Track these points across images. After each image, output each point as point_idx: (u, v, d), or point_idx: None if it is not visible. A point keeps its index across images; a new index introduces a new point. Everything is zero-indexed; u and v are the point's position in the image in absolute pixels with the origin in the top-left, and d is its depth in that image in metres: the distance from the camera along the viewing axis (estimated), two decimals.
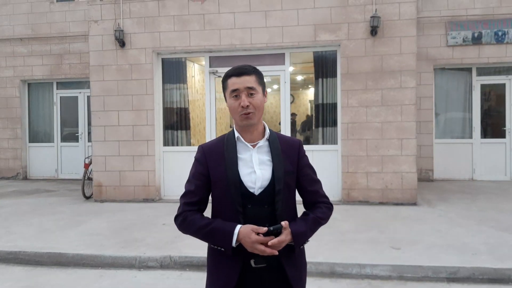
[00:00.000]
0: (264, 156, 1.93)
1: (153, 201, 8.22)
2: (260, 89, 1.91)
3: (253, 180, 1.89)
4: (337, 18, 7.71)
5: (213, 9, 8.07)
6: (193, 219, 1.91)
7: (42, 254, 5.19)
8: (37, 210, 7.69)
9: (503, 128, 10.17)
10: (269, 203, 1.89)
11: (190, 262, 4.90)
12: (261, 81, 1.94)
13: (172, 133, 8.61)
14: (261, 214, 1.88)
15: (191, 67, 9.33)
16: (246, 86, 1.87)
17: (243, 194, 1.88)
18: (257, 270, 1.89)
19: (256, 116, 1.90)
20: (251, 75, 1.89)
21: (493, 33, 9.72)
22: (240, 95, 1.87)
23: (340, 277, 4.56)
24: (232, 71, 1.91)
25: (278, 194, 1.89)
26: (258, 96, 1.89)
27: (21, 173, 11.81)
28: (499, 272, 4.37)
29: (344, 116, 7.71)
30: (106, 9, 8.41)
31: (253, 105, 1.87)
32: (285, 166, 1.93)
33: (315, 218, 1.95)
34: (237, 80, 1.88)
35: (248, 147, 1.94)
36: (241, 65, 1.93)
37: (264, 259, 1.86)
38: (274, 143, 1.96)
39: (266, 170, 1.91)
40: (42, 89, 12.03)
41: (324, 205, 2.01)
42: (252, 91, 1.88)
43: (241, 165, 1.91)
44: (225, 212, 1.90)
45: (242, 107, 1.86)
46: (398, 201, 7.54)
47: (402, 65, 7.52)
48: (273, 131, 2.02)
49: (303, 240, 1.92)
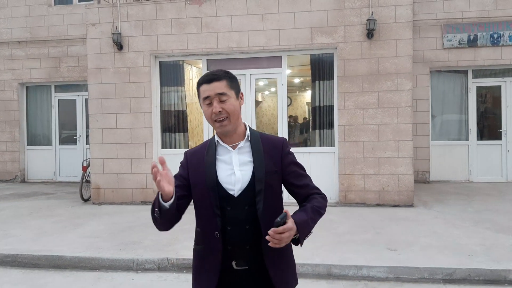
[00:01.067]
0: (245, 157, 1.93)
1: (151, 203, 8.22)
2: (232, 93, 1.90)
3: (232, 181, 1.90)
4: (333, 21, 7.76)
5: (210, 12, 8.11)
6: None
7: (40, 257, 5.21)
8: (35, 212, 7.69)
9: (499, 130, 10.23)
10: (249, 204, 1.88)
11: (188, 264, 4.91)
12: (233, 84, 1.92)
13: (170, 136, 8.63)
14: (241, 216, 1.88)
15: (188, 70, 9.36)
16: (216, 93, 1.86)
17: (222, 197, 1.88)
18: (239, 272, 1.89)
19: (231, 121, 1.89)
20: (222, 81, 1.88)
21: (489, 35, 9.78)
22: (212, 101, 1.88)
23: (337, 278, 4.59)
24: (202, 78, 1.91)
25: (259, 194, 1.87)
26: (231, 101, 1.88)
27: (19, 176, 11.81)
28: (495, 273, 4.41)
29: (341, 118, 7.75)
30: (104, 12, 8.44)
31: (225, 110, 1.87)
32: (267, 166, 1.91)
33: (313, 207, 1.92)
34: (207, 87, 1.88)
35: (228, 149, 1.95)
36: (212, 71, 1.93)
37: (246, 262, 1.87)
38: (255, 143, 1.95)
39: (247, 171, 1.90)
40: (40, 92, 12.04)
41: (318, 195, 2.00)
42: (223, 97, 1.87)
43: (220, 167, 1.92)
44: (204, 215, 1.93)
45: (215, 113, 1.87)
46: (394, 202, 7.57)
47: (398, 67, 7.57)
48: (255, 131, 2.02)
49: (307, 229, 1.86)
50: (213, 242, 1.88)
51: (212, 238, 1.89)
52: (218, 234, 1.87)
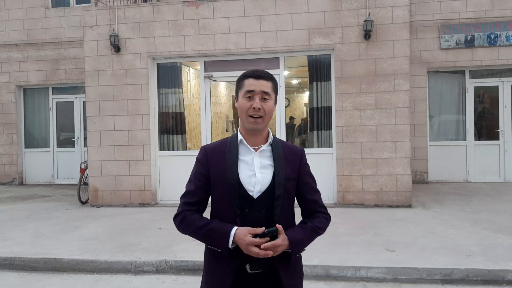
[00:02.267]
0: (266, 161, 1.94)
1: (149, 205, 8.23)
2: (273, 96, 1.95)
3: (252, 183, 1.90)
4: (330, 22, 7.77)
5: (207, 14, 8.11)
6: (192, 219, 1.91)
7: (38, 260, 5.19)
8: (32, 215, 7.68)
9: (496, 130, 10.24)
10: (267, 207, 1.89)
11: (186, 266, 4.91)
12: (275, 89, 1.97)
13: (168, 138, 8.63)
14: (259, 219, 1.88)
15: (186, 71, 9.36)
16: (262, 90, 1.90)
17: (242, 197, 1.88)
18: (252, 276, 1.89)
19: (265, 121, 1.92)
20: (268, 81, 1.93)
21: (486, 36, 9.80)
22: (254, 97, 1.90)
23: (335, 279, 4.59)
24: (250, 73, 1.94)
25: (277, 199, 1.89)
26: (270, 103, 1.93)
27: (17, 178, 11.79)
28: (493, 273, 4.41)
29: (338, 120, 7.75)
30: (101, 14, 8.44)
31: (264, 109, 1.90)
32: (287, 172, 1.93)
33: (313, 227, 1.96)
34: (254, 82, 1.90)
35: (250, 150, 1.95)
36: (260, 69, 1.97)
37: (260, 265, 1.86)
38: (277, 148, 1.97)
39: (267, 174, 1.91)
40: (37, 94, 12.02)
41: (322, 215, 2.03)
42: (266, 96, 1.91)
43: (242, 168, 1.92)
44: (224, 214, 1.91)
45: (254, 109, 1.88)
46: (393, 203, 7.58)
47: (396, 68, 7.58)
48: (276, 137, 2.04)
49: (300, 248, 1.92)
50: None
51: None
52: None
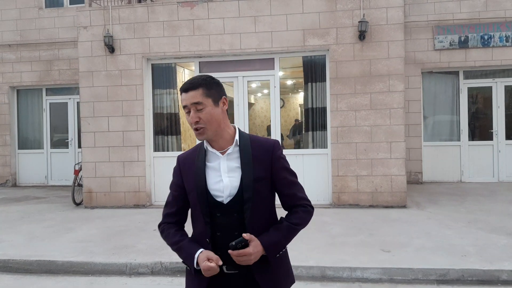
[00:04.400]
0: (233, 163, 1.91)
1: (144, 207, 8.20)
2: (209, 101, 1.86)
3: (221, 188, 1.89)
4: (325, 23, 7.78)
5: (202, 15, 8.10)
6: (168, 233, 1.99)
7: (32, 262, 5.16)
8: (26, 217, 7.62)
9: (490, 131, 10.30)
10: (238, 211, 1.88)
11: (181, 268, 4.88)
12: (210, 92, 1.87)
13: (163, 139, 8.60)
14: (231, 223, 1.89)
15: (181, 72, 9.33)
16: (192, 102, 1.85)
17: (212, 203, 1.89)
18: (229, 277, 1.91)
19: (209, 129, 1.87)
20: (197, 89, 1.85)
21: (479, 37, 9.85)
22: (190, 110, 1.87)
23: (331, 280, 4.59)
24: (182, 87, 1.90)
25: (247, 202, 1.87)
26: (207, 110, 1.85)
27: (10, 180, 11.70)
28: (488, 273, 4.43)
29: (333, 120, 7.76)
30: (95, 15, 8.40)
31: (202, 119, 1.85)
32: (255, 173, 1.89)
33: (289, 225, 1.94)
34: (185, 96, 1.87)
35: (217, 155, 1.93)
36: (190, 79, 1.90)
37: (235, 266, 1.87)
38: (244, 148, 1.92)
39: (235, 178, 1.89)
40: (31, 95, 11.94)
41: (301, 209, 1.98)
42: (199, 106, 1.84)
43: (209, 174, 1.92)
44: (198, 221, 1.96)
45: (191, 123, 1.88)
46: (388, 204, 7.59)
47: (390, 69, 7.60)
48: (246, 134, 2.00)
49: (276, 250, 1.91)
50: (204, 247, 1.90)
51: (203, 243, 1.92)
52: (208, 241, 1.91)
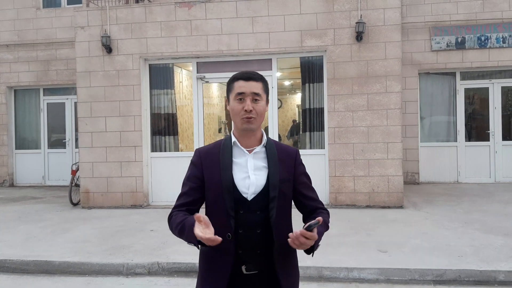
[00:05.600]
0: (260, 162, 1.93)
1: (141, 207, 8.19)
2: (264, 97, 1.94)
3: (246, 185, 1.89)
4: (323, 24, 7.80)
5: (200, 15, 8.10)
6: (175, 217, 1.90)
7: (29, 262, 5.15)
8: (23, 217, 7.61)
9: (486, 131, 10.34)
10: (261, 209, 1.88)
11: (178, 268, 4.90)
12: (266, 89, 1.96)
13: (160, 139, 8.60)
14: (253, 220, 1.88)
15: (178, 72, 9.33)
16: (252, 91, 1.89)
17: (236, 199, 1.87)
18: (248, 277, 1.88)
19: (257, 121, 1.91)
20: (258, 82, 1.92)
21: (476, 38, 9.89)
22: (245, 99, 1.89)
23: (328, 281, 4.60)
24: (240, 75, 1.92)
25: (272, 201, 1.88)
26: (262, 103, 1.92)
27: (8, 180, 11.67)
28: (485, 274, 4.44)
29: (330, 121, 7.78)
30: (93, 15, 8.40)
31: (256, 110, 1.89)
32: (281, 174, 1.93)
33: (326, 223, 1.96)
34: (244, 84, 1.89)
35: (244, 152, 1.94)
36: (249, 71, 1.95)
37: (255, 267, 1.86)
38: (271, 150, 1.96)
39: (261, 176, 1.91)
40: (28, 95, 11.92)
41: (325, 212, 2.02)
42: (257, 97, 1.90)
43: (235, 170, 1.91)
44: (218, 217, 1.88)
45: (245, 111, 1.87)
46: (384, 204, 7.61)
47: (387, 70, 7.62)
48: (270, 138, 2.03)
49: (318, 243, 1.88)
50: (224, 244, 1.80)
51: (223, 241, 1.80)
52: (230, 235, 1.85)
